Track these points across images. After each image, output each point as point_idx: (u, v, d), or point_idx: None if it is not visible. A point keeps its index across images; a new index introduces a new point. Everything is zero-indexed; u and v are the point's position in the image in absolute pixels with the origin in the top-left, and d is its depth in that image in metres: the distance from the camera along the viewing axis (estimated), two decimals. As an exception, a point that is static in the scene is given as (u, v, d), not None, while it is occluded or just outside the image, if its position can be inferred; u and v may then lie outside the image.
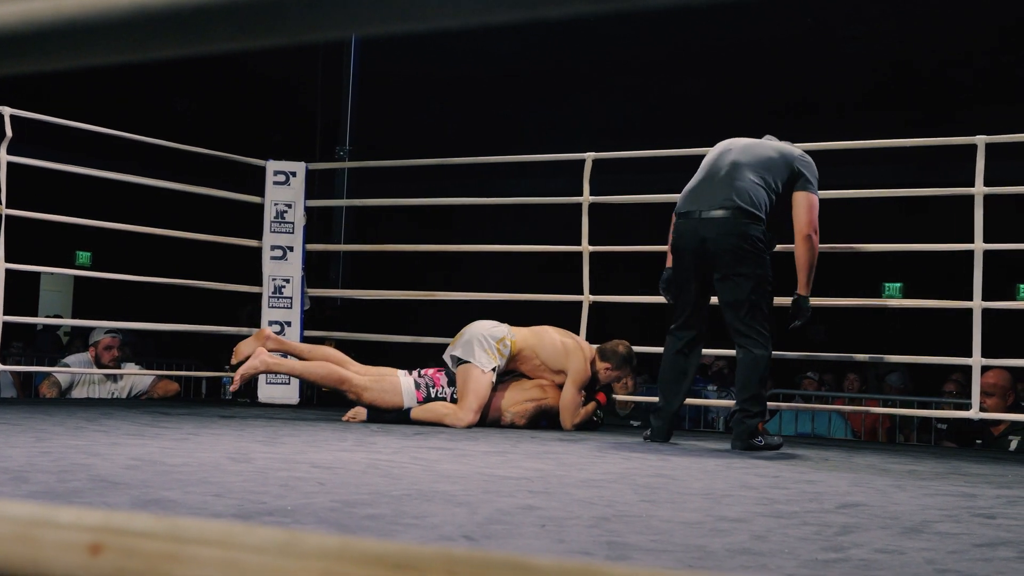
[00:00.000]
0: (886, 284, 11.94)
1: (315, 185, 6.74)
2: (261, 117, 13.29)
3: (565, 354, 5.19)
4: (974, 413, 5.02)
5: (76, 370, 6.14)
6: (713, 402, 6.67)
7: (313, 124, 10.84)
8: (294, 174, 6.42)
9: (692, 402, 5.88)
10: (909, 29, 10.89)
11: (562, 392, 5.17)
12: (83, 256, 13.88)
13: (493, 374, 5.09)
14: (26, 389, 7.62)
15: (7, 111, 5.13)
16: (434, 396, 5.11)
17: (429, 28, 0.65)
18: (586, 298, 5.78)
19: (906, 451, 5.04)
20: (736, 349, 4.35)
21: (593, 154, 5.84)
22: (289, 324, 6.31)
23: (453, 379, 5.15)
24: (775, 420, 6.97)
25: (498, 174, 9.70)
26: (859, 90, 11.41)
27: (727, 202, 4.27)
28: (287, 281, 6.34)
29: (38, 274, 9.63)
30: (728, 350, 5.11)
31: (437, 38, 11.20)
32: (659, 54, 11.60)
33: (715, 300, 4.46)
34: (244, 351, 5.09)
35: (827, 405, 7.18)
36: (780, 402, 7.12)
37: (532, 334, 5.25)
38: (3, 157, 5.11)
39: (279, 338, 5.34)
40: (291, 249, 6.37)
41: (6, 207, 5.11)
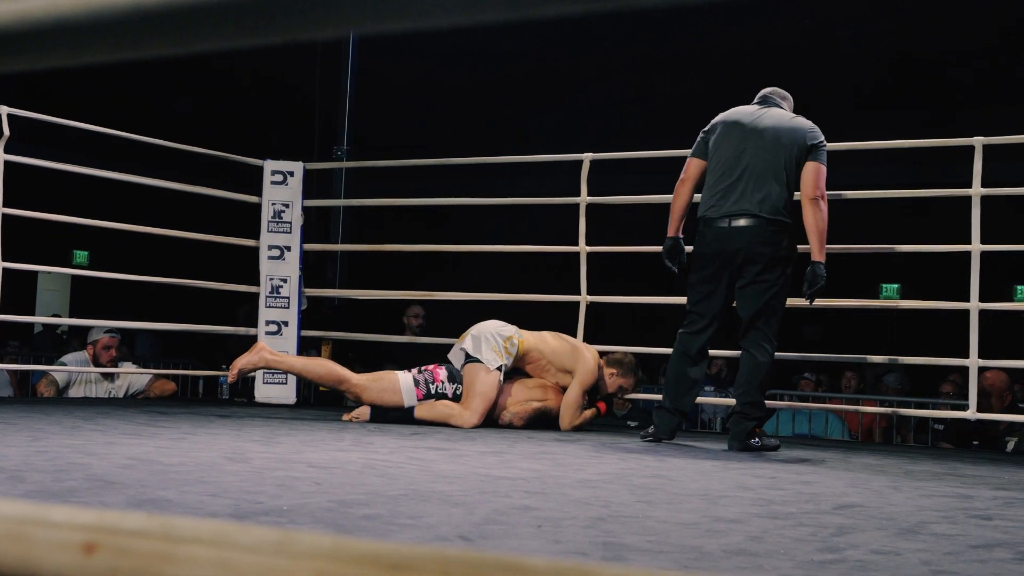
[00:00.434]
0: (884, 285, 11.96)
1: (313, 185, 6.73)
2: (259, 117, 13.28)
3: (573, 354, 5.19)
4: (971, 414, 5.02)
5: (73, 369, 6.13)
6: (711, 400, 6.66)
7: (311, 124, 10.85)
8: (292, 174, 6.41)
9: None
10: (909, 29, 10.90)
11: (566, 391, 5.16)
12: (80, 255, 13.87)
13: (500, 373, 5.09)
14: (23, 388, 7.61)
15: (4, 110, 5.11)
16: (434, 392, 5.09)
17: (427, 27, 0.65)
18: (583, 298, 5.78)
19: (903, 452, 5.04)
20: (742, 351, 4.36)
21: (590, 155, 5.83)
22: (286, 324, 6.30)
23: (455, 375, 5.14)
24: (772, 420, 6.97)
25: (496, 174, 9.71)
26: (858, 90, 11.41)
27: (755, 209, 4.27)
28: (284, 281, 6.34)
29: (36, 273, 9.64)
30: (727, 351, 5.09)
31: (435, 38, 11.21)
32: (659, 54, 11.61)
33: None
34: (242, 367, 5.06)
35: (824, 405, 7.18)
36: (777, 402, 7.12)
37: (538, 337, 5.25)
38: (0, 156, 5.11)
39: (276, 353, 5.19)
40: (288, 249, 6.36)
41: (4, 206, 5.11)
